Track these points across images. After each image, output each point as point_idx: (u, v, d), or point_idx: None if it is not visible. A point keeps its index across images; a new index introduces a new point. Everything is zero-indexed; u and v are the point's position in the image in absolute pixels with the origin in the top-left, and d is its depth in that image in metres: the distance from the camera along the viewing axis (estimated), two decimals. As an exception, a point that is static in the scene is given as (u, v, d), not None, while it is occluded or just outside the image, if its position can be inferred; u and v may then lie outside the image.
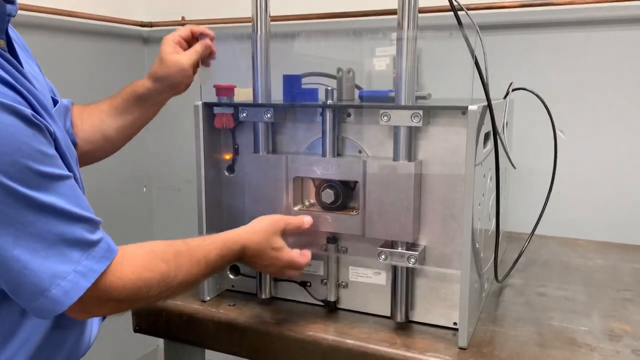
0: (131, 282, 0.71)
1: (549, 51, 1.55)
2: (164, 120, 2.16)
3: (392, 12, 0.87)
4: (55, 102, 0.90)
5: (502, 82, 1.55)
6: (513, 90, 1.22)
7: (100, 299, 0.70)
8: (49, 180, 0.66)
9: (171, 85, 1.06)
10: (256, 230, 0.88)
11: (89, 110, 1.10)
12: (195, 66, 1.06)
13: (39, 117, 0.67)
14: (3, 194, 0.62)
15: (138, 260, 0.73)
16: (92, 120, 1.09)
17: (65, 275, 0.66)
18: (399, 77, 0.87)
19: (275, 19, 1.07)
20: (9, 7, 0.76)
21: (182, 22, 2.02)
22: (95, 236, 0.69)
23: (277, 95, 1.03)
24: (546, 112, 1.24)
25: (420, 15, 0.89)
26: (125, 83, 2.12)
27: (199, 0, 2.03)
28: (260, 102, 0.98)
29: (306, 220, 0.94)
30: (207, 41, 1.06)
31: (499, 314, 1.00)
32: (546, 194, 1.25)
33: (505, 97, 1.21)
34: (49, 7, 1.71)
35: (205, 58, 1.08)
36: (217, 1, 1.99)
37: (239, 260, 0.88)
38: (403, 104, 0.87)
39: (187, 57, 1.03)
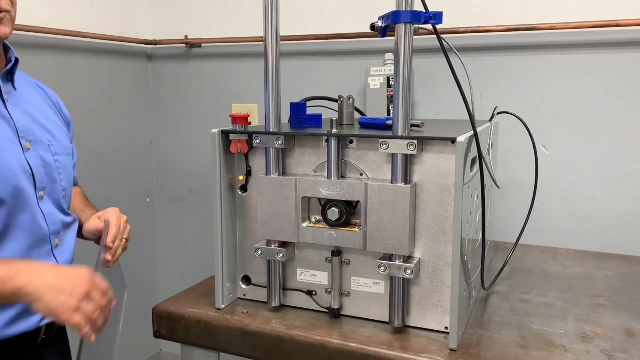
0: None
1: (534, 71, 1.68)
2: (167, 134, 2.26)
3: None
4: None
5: (491, 99, 1.68)
6: (498, 113, 1.33)
7: None
8: None
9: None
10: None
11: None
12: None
13: None
14: None
15: None
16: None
17: None
18: (396, 110, 0.98)
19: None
20: None
21: (186, 41, 2.12)
22: None
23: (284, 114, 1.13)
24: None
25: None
26: (130, 98, 2.24)
27: (202, 20, 2.13)
28: (271, 130, 1.08)
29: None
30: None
31: (486, 319, 1.11)
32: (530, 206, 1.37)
33: (490, 120, 1.32)
34: (60, 28, 1.82)
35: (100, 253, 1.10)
36: (218, 20, 2.09)
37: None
38: (400, 134, 0.98)
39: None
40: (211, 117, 2.18)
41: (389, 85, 1.70)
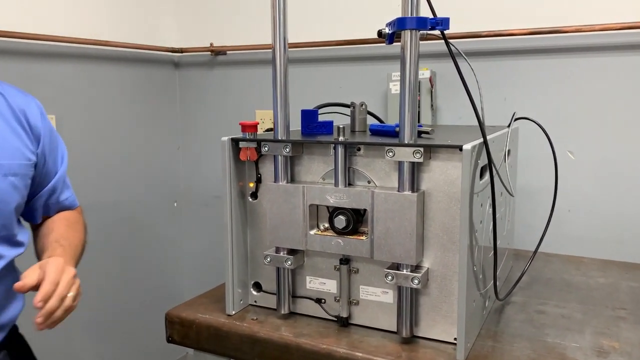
0: None
1: (560, 74, 1.63)
2: (193, 140, 2.30)
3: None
4: None
5: (514, 104, 1.65)
6: (516, 119, 1.30)
7: None
8: None
9: None
10: None
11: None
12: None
13: None
14: None
15: None
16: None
17: None
18: (402, 117, 0.97)
19: (294, 45, 1.15)
20: None
21: (211, 49, 2.15)
22: None
23: (296, 117, 1.13)
24: (553, 134, 1.31)
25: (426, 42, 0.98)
26: (158, 105, 2.28)
27: (227, 27, 2.16)
28: (280, 137, 1.09)
29: None
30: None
31: (499, 330, 1.09)
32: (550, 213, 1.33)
33: (508, 125, 1.29)
34: (88, 38, 1.86)
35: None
36: (244, 27, 2.11)
37: None
38: (406, 141, 0.97)
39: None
40: (236, 123, 2.18)
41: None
